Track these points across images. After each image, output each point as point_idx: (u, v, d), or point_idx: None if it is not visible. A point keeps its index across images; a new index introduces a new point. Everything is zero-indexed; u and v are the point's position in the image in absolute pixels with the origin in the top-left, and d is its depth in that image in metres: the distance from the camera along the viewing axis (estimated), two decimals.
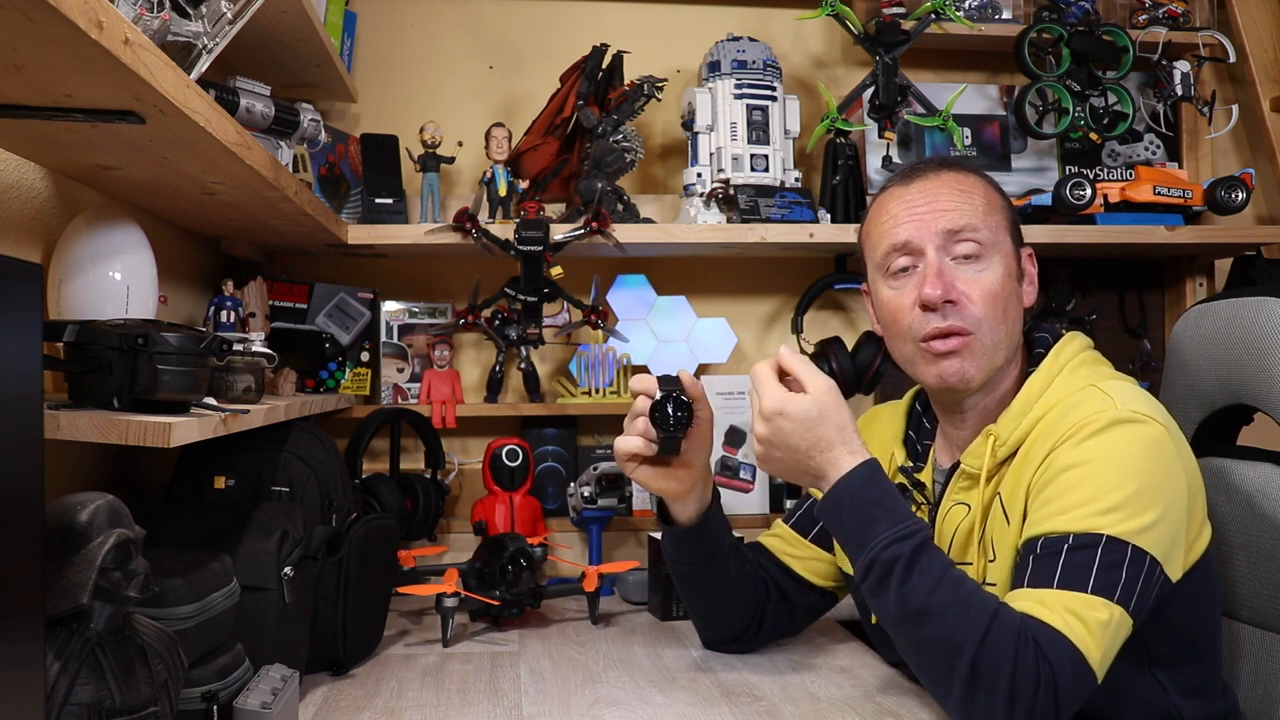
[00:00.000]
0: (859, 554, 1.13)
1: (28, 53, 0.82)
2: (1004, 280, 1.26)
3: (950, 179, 1.29)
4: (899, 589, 1.08)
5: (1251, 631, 1.36)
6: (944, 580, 1.08)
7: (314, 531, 1.34)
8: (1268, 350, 1.33)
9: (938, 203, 1.27)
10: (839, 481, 1.15)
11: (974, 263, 1.25)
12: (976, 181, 1.30)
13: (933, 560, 1.10)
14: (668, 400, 1.30)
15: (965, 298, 1.24)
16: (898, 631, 1.12)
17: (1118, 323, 2.29)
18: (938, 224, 1.26)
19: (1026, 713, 1.02)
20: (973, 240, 1.25)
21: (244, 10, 1.13)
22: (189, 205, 1.46)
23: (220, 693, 1.05)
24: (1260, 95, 2.22)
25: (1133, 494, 1.10)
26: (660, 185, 2.23)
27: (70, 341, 1.04)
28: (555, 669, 1.41)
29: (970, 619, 1.05)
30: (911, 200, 1.28)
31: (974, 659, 1.03)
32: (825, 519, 1.18)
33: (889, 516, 1.12)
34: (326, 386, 1.93)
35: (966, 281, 1.24)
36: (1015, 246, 1.31)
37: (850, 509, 1.14)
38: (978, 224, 1.26)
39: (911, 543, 1.10)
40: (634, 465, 1.35)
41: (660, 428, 1.31)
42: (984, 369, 1.25)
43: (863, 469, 1.15)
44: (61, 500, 0.89)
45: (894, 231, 1.28)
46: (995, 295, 1.24)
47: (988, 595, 1.09)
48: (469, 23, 2.19)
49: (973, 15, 2.15)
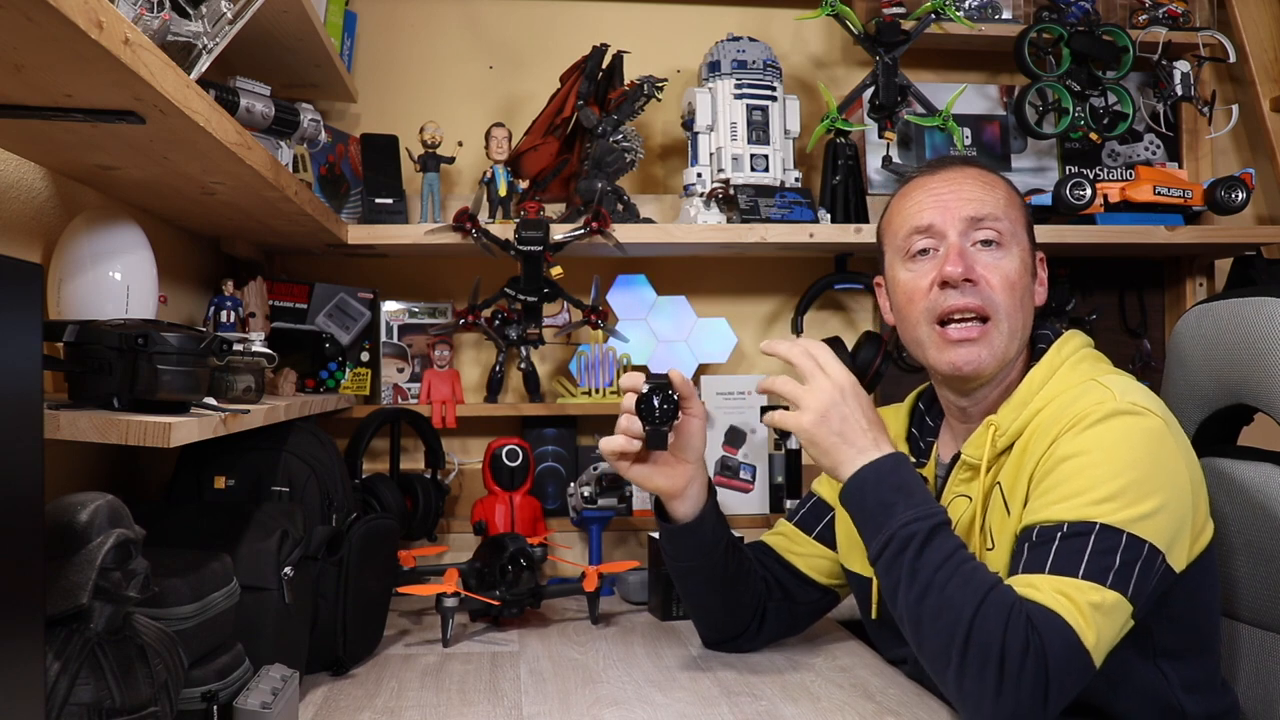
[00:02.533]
0: (877, 533, 1.15)
1: (28, 53, 0.82)
2: (1021, 271, 1.28)
3: (974, 172, 1.32)
4: (912, 562, 1.11)
5: (1251, 631, 1.36)
6: (953, 557, 1.11)
7: (314, 531, 1.34)
8: (1268, 350, 1.33)
9: (962, 191, 1.29)
10: (873, 462, 1.18)
11: (994, 249, 1.27)
12: (998, 179, 1.34)
13: (946, 540, 1.12)
14: (653, 393, 1.31)
15: (985, 280, 1.26)
16: (903, 605, 1.13)
17: (1118, 323, 2.29)
18: (962, 210, 1.28)
19: (1015, 682, 1.03)
20: (994, 229, 1.27)
21: (244, 10, 1.13)
22: (189, 205, 1.46)
23: (220, 693, 1.05)
24: (1260, 95, 2.22)
25: (1130, 484, 1.11)
26: (660, 185, 2.23)
27: (70, 341, 1.04)
28: (555, 669, 1.41)
29: (968, 591, 1.07)
30: (936, 188, 1.31)
31: (968, 629, 1.05)
32: (849, 498, 1.20)
33: (910, 500, 1.15)
34: (326, 386, 1.93)
35: (987, 266, 1.26)
36: (1031, 246, 1.33)
37: (875, 491, 1.17)
38: (1000, 214, 1.28)
39: (929, 522, 1.13)
40: (626, 464, 1.36)
41: (646, 420, 1.32)
42: (998, 357, 1.26)
43: (894, 457, 1.19)
44: (61, 500, 0.89)
45: (918, 215, 1.30)
46: (1014, 283, 1.26)
47: (989, 573, 1.11)
48: (469, 23, 2.19)
49: (973, 15, 2.15)
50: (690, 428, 1.36)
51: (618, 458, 1.35)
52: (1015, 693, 1.03)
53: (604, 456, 1.37)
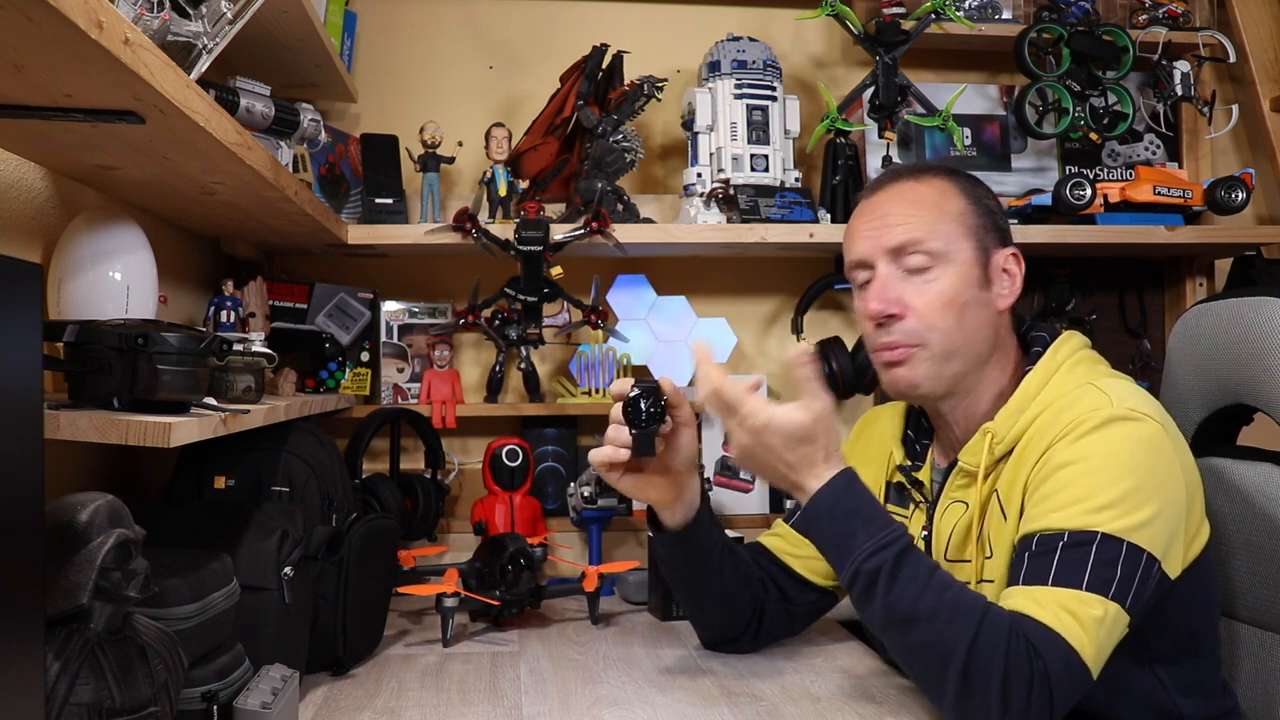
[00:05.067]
0: (842, 565, 1.14)
1: (28, 53, 0.82)
2: (959, 288, 1.26)
3: (904, 190, 1.31)
4: (884, 598, 1.09)
5: (1251, 631, 1.36)
6: (930, 585, 1.09)
7: (314, 531, 1.34)
8: (1268, 350, 1.33)
9: (889, 217, 1.30)
10: (817, 494, 1.16)
11: (922, 274, 1.27)
12: (929, 190, 1.31)
13: (916, 566, 1.10)
14: (640, 397, 1.29)
15: (911, 310, 1.26)
16: (888, 638, 1.12)
17: (1118, 323, 2.29)
18: (886, 240, 1.29)
19: (1021, 711, 1.02)
20: (919, 252, 1.27)
21: (244, 10, 1.13)
22: (189, 205, 1.46)
23: (220, 693, 1.05)
24: (1260, 95, 2.22)
25: (1128, 491, 1.10)
26: (660, 185, 2.23)
27: (70, 341, 1.04)
28: (555, 669, 1.41)
29: (959, 622, 1.05)
30: (866, 216, 1.33)
31: (965, 661, 1.04)
32: (806, 531, 1.20)
33: (868, 527, 1.13)
34: (326, 386, 1.93)
35: (914, 293, 1.27)
36: (980, 251, 1.29)
37: (830, 520, 1.15)
38: (923, 235, 1.27)
39: (892, 551, 1.10)
40: (617, 475, 1.32)
41: (632, 424, 1.29)
42: (933, 376, 1.27)
43: (839, 479, 1.16)
44: (61, 500, 0.89)
45: (853, 247, 1.33)
46: (946, 304, 1.26)
47: (975, 596, 1.09)
48: (469, 23, 2.19)
49: (973, 15, 2.15)
50: (681, 435, 1.34)
51: (608, 468, 1.32)
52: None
53: (594, 467, 1.34)
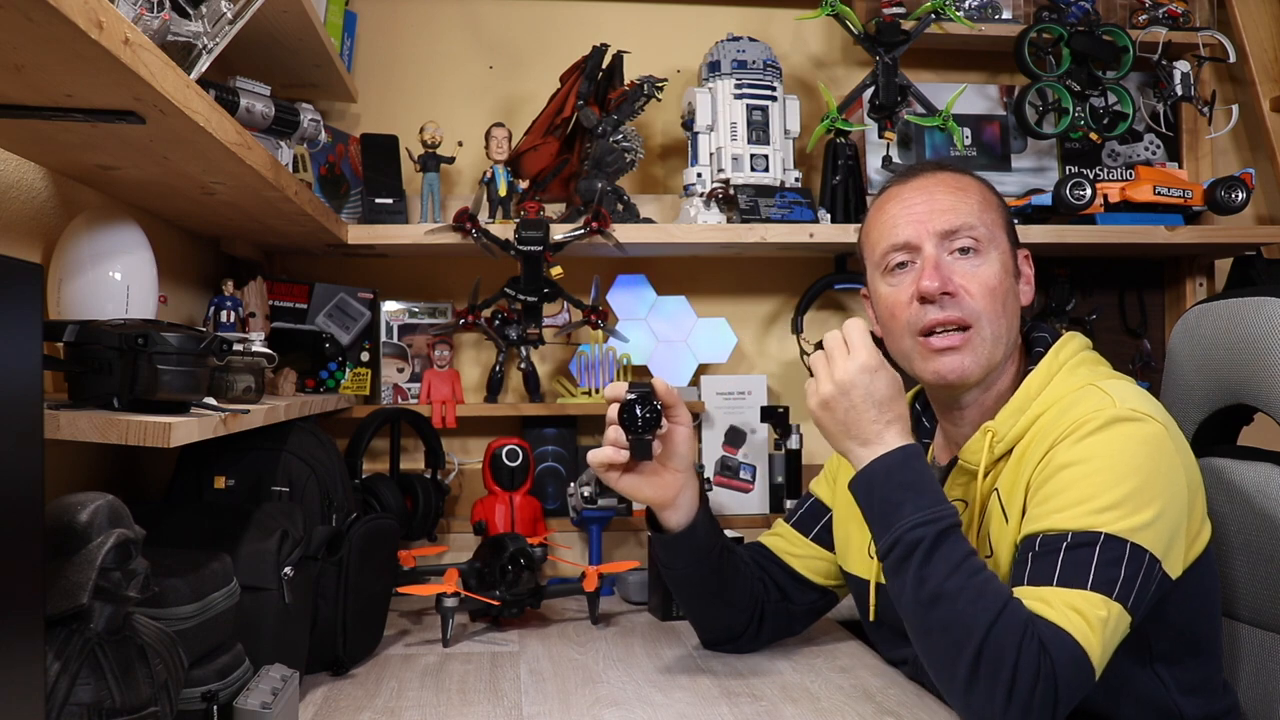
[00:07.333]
0: (884, 532, 1.14)
1: (28, 53, 0.82)
2: (1001, 275, 1.27)
3: (946, 179, 1.31)
4: (918, 570, 1.09)
5: (1251, 631, 1.36)
6: (962, 566, 1.09)
7: (314, 531, 1.34)
8: (1268, 350, 1.33)
9: (934, 202, 1.28)
10: (884, 455, 1.16)
11: (971, 257, 1.26)
12: (971, 181, 1.32)
13: (955, 547, 1.10)
14: (636, 402, 1.30)
15: (963, 290, 1.25)
16: (910, 613, 1.12)
17: (1118, 323, 2.29)
18: (935, 223, 1.27)
19: (1024, 704, 1.03)
20: (970, 237, 1.26)
21: (244, 10, 1.13)
22: (189, 205, 1.46)
23: (220, 693, 1.05)
24: (1260, 95, 2.22)
25: (1131, 492, 1.10)
26: (660, 185, 2.23)
27: (70, 341, 1.04)
28: (555, 669, 1.41)
29: (981, 606, 1.05)
30: (908, 200, 1.30)
31: (980, 646, 1.04)
32: (857, 490, 1.19)
33: (919, 500, 1.13)
34: (326, 386, 1.93)
35: (964, 275, 1.25)
36: (1011, 246, 1.32)
37: (884, 486, 1.15)
38: (974, 221, 1.27)
39: (937, 527, 1.10)
40: (615, 475, 1.34)
41: (629, 429, 1.30)
42: (982, 364, 1.26)
43: (909, 448, 1.17)
44: (61, 500, 0.89)
45: (893, 232, 1.29)
46: (994, 289, 1.25)
47: (1002, 586, 1.09)
48: (469, 23, 2.19)
49: (973, 15, 2.15)
50: (677, 436, 1.34)
51: (606, 469, 1.33)
52: (1024, 715, 1.03)
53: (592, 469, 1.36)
